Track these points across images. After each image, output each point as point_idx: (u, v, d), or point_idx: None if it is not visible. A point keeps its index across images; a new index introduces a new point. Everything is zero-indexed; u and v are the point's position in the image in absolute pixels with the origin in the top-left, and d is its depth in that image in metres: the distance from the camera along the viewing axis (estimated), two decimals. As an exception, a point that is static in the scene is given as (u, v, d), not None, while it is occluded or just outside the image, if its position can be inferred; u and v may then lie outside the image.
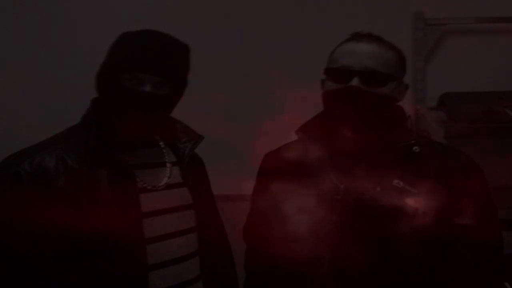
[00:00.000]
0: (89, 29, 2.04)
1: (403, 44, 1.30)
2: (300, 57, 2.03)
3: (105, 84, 1.21)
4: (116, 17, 2.03)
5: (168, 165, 1.30)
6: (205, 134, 1.37)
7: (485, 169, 1.24)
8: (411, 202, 1.16)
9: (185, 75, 1.27)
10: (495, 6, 2.03)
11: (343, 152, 1.22)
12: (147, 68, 1.17)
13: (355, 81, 1.17)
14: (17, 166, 1.15)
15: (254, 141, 1.72)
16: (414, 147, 1.20)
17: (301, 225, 1.20)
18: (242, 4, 2.08)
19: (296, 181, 1.24)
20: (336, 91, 1.20)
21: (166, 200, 1.25)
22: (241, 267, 1.42)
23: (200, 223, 1.31)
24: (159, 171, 1.28)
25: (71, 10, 2.07)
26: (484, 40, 2.07)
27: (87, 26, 2.05)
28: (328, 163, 1.24)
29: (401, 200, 1.16)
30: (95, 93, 1.25)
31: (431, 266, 1.16)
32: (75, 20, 2.06)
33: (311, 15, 2.06)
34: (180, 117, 1.36)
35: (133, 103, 1.17)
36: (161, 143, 1.33)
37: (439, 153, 1.24)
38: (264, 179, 1.36)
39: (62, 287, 1.14)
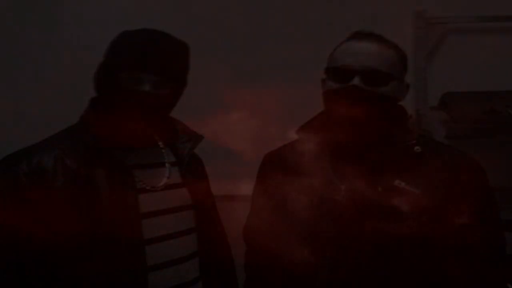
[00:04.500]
0: (88, 28, 2.03)
1: (405, 43, 1.29)
2: (301, 56, 2.02)
3: (104, 83, 1.20)
4: (115, 16, 2.02)
5: (167, 165, 1.29)
6: (204, 133, 1.36)
7: (487, 169, 1.23)
8: (412, 202, 1.15)
9: (184, 75, 1.26)
10: (497, 5, 2.01)
11: (344, 152, 1.21)
12: (146, 67, 1.16)
13: (356, 81, 1.16)
14: (15, 167, 1.14)
15: (254, 141, 1.71)
16: (416, 147, 1.19)
17: (301, 226, 1.20)
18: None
19: (297, 181, 1.23)
20: (337, 90, 1.19)
21: (165, 201, 1.24)
22: (241, 267, 1.42)
23: (200, 224, 1.30)
24: (158, 171, 1.27)
25: (70, 9, 2.06)
26: (487, 39, 2.06)
27: (86, 25, 2.04)
28: (328, 163, 1.23)
29: (402, 201, 1.15)
30: (93, 93, 1.24)
31: (433, 266, 1.15)
32: (74, 18, 2.05)
33: (311, 14, 2.05)
34: (180, 116, 1.35)
35: (132, 103, 1.16)
36: (160, 143, 1.32)
37: (441, 153, 1.23)
38: (264, 179, 1.35)
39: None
